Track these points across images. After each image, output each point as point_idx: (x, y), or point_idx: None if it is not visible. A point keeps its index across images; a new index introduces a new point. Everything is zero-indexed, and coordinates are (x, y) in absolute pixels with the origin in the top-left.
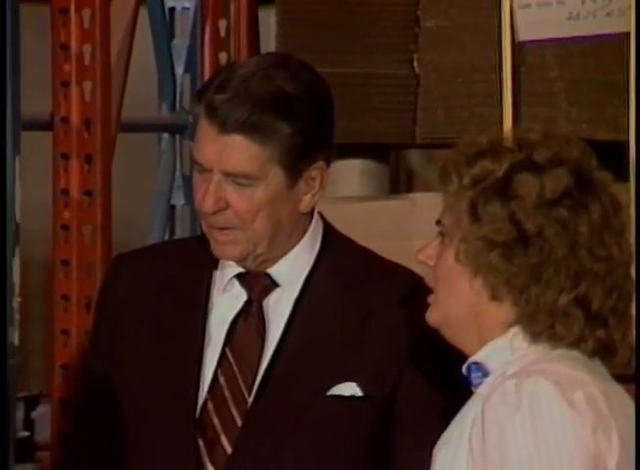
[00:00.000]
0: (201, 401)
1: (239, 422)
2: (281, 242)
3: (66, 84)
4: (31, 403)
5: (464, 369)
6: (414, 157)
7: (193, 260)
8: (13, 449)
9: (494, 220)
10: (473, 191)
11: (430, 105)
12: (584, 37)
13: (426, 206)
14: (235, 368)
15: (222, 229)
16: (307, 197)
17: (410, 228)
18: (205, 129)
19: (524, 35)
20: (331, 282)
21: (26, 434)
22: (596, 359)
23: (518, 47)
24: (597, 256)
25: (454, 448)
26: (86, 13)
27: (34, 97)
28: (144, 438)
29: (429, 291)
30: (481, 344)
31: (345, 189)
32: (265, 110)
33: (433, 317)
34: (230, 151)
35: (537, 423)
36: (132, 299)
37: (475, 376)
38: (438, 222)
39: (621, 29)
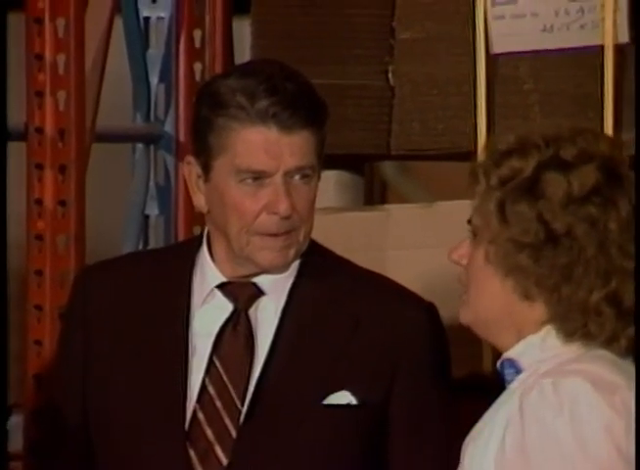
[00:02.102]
0: (189, 412)
1: (233, 433)
2: None
3: (40, 94)
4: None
5: (498, 365)
6: (388, 168)
7: (167, 272)
8: None
9: (522, 221)
10: (500, 191)
11: (404, 117)
12: (558, 50)
13: (400, 217)
14: (225, 378)
15: (285, 233)
16: None
17: (385, 239)
18: (258, 136)
19: (498, 47)
20: (316, 292)
21: None
22: (628, 360)
23: (492, 59)
24: (628, 252)
25: (484, 445)
26: (60, 22)
27: (8, 107)
28: (131, 451)
29: (412, 298)
30: (519, 340)
31: (320, 200)
32: (312, 103)
33: (465, 316)
34: (295, 147)
35: (577, 423)
36: (103, 314)
37: (508, 372)
38: (469, 222)
39: (595, 42)
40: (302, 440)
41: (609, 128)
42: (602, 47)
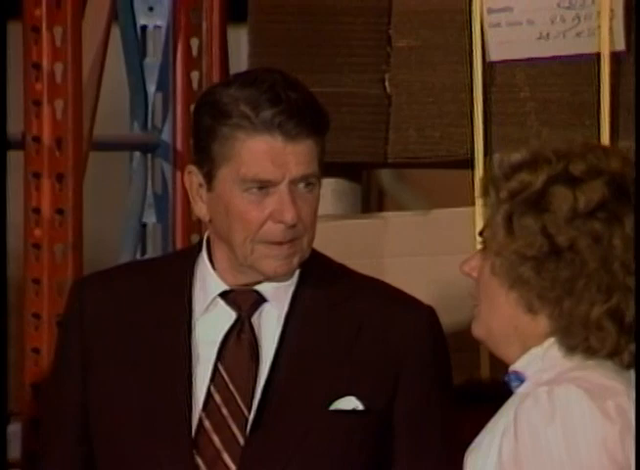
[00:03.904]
0: (195, 420)
1: (241, 440)
2: None
3: (37, 103)
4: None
5: (505, 377)
6: (385, 176)
7: (165, 280)
8: None
9: (527, 234)
10: (509, 204)
11: (401, 124)
12: (554, 57)
13: (398, 225)
14: (231, 386)
15: (290, 242)
16: None
17: (382, 247)
18: (263, 145)
19: (494, 55)
20: (317, 299)
21: None
22: (631, 371)
23: (488, 67)
24: (630, 269)
25: (484, 454)
26: (58, 31)
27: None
28: (138, 460)
29: (412, 303)
30: (524, 353)
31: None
32: (316, 112)
33: (476, 330)
34: (300, 156)
35: (570, 432)
36: (101, 324)
37: (514, 385)
38: (481, 234)
39: (591, 50)
40: (310, 446)
41: (605, 136)
42: (598, 55)
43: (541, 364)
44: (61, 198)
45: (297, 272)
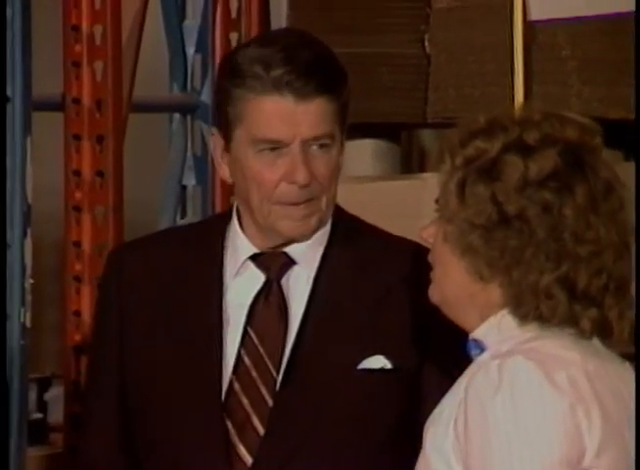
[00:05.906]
0: (226, 383)
1: (269, 402)
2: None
3: (77, 65)
4: (44, 385)
5: (466, 346)
6: (426, 136)
7: (199, 246)
8: (26, 431)
9: (477, 202)
10: (463, 171)
11: (441, 84)
12: (596, 16)
13: (436, 185)
14: (260, 349)
15: (306, 202)
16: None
17: (421, 208)
18: (273, 105)
19: (535, 14)
20: (347, 259)
21: (39, 415)
22: (594, 339)
23: (529, 26)
24: (582, 238)
25: (444, 427)
26: None
27: (46, 78)
28: (169, 422)
29: None
30: (483, 321)
31: (357, 169)
32: (328, 70)
33: (433, 295)
34: (312, 116)
35: (517, 403)
36: (138, 287)
37: (474, 353)
38: (437, 201)
39: (633, 8)
40: (338, 405)
41: None
42: None
43: (499, 335)
44: (101, 160)
45: (326, 232)
